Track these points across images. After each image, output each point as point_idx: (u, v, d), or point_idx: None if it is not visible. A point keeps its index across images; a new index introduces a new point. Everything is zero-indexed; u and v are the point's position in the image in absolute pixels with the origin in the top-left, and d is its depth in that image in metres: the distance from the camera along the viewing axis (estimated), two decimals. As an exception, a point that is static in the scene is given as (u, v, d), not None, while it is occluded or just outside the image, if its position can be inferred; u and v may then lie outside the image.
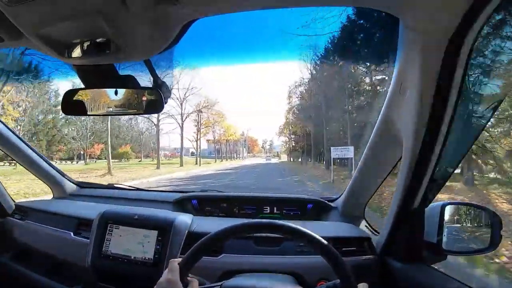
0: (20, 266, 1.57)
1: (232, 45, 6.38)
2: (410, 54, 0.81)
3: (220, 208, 1.66)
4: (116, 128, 21.01)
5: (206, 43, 2.91)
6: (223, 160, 26.67)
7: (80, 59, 0.78)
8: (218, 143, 27.19)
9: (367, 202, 1.49)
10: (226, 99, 49.21)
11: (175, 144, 24.70)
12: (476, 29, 0.68)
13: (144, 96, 0.98)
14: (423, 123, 0.83)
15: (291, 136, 24.14)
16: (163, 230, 1.22)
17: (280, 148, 37.06)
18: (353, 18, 9.60)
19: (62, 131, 17.87)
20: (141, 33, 0.72)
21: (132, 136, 22.53)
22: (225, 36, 4.34)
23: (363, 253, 1.19)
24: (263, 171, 17.72)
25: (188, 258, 0.78)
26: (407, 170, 0.94)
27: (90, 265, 1.25)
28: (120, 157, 20.90)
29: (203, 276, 0.89)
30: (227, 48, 8.09)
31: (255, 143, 43.63)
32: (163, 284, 0.73)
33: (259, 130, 64.66)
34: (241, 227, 0.82)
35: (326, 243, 0.79)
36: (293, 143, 24.26)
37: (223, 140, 26.62)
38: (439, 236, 0.99)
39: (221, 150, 28.51)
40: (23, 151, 1.71)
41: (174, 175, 14.04)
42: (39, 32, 0.68)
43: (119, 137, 21.47)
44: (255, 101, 54.76)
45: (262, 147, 43.57)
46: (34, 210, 1.66)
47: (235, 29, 3.85)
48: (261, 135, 59.49)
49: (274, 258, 1.17)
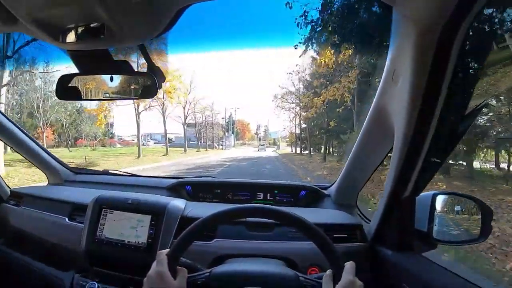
0: (14, 251, 1.59)
1: (226, 30, 6.29)
2: (403, 42, 0.81)
3: (213, 194, 1.68)
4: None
5: (200, 28, 2.88)
6: (198, 150, 20.77)
7: (74, 44, 0.78)
8: (196, 126, 21.74)
9: (360, 190, 1.50)
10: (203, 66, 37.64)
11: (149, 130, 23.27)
12: (470, 18, 0.68)
13: (138, 81, 0.98)
14: (415, 112, 0.83)
15: (299, 117, 18.26)
16: (156, 215, 1.24)
17: (279, 135, 30.06)
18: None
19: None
20: (135, 18, 0.72)
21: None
22: (218, 21, 4.28)
23: (354, 240, 1.21)
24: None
25: (175, 248, 0.79)
26: (399, 158, 0.94)
27: (84, 249, 1.27)
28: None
29: (196, 261, 0.90)
30: (220, 34, 7.93)
31: (246, 128, 36.61)
32: (152, 276, 0.75)
33: (252, 112, 54.65)
34: (229, 212, 0.83)
35: (317, 229, 0.80)
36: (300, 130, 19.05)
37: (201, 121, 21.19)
38: (429, 225, 1.00)
39: (205, 136, 23.15)
40: (17, 137, 1.71)
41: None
42: (33, 17, 0.68)
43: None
44: (246, 74, 48.19)
45: (255, 133, 36.37)
46: (29, 196, 1.66)
47: (229, 14, 3.80)
48: (254, 119, 51.00)
49: (266, 243, 1.19)
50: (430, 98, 0.80)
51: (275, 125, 38.46)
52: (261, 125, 35.41)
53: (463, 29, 0.70)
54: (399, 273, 1.03)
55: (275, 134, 31.60)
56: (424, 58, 0.76)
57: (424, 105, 0.82)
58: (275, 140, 31.62)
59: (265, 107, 49.56)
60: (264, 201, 1.63)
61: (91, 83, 1.02)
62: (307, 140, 17.81)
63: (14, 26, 0.75)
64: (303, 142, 19.14)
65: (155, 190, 1.67)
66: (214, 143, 24.72)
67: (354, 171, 1.41)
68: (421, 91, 0.80)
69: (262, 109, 62.49)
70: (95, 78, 1.02)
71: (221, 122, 25.89)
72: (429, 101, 0.81)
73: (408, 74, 0.81)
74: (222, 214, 0.83)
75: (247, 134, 37.17)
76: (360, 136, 1.23)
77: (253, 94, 58.64)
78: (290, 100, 18.11)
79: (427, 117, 0.83)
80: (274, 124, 35.34)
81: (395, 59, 0.90)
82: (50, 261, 1.48)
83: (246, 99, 55.61)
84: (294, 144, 21.80)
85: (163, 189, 1.70)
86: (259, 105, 58.28)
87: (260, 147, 26.64)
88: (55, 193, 1.65)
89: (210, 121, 22.73)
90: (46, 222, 1.49)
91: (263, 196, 1.65)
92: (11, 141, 1.72)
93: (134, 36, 0.80)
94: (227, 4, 2.80)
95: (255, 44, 8.43)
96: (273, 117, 46.20)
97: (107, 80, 0.99)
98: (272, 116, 44.88)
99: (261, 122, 36.60)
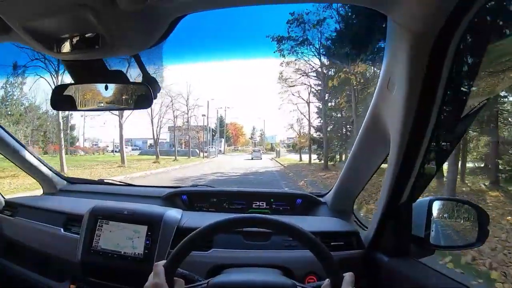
0: (9, 262, 1.57)
1: (221, 41, 6.25)
2: (398, 50, 0.82)
3: (210, 203, 1.67)
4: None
5: (194, 39, 2.85)
6: (176, 159, 16.90)
7: (69, 54, 0.77)
8: (179, 130, 18.41)
9: (356, 197, 1.50)
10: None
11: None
12: (464, 25, 0.68)
13: (133, 91, 0.98)
14: (410, 119, 0.84)
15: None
16: (152, 225, 1.23)
17: (278, 138, 25.14)
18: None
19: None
20: (130, 28, 0.72)
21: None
22: (212, 32, 4.25)
23: (351, 247, 1.21)
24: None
25: (172, 259, 0.78)
26: (395, 165, 0.95)
27: (80, 260, 1.25)
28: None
29: (194, 271, 0.90)
30: (214, 44, 7.89)
31: (239, 132, 32.02)
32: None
33: (247, 114, 47.24)
34: (225, 223, 0.82)
35: (313, 237, 0.80)
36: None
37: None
38: (426, 231, 1.00)
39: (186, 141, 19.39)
40: (11, 146, 1.69)
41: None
42: (28, 26, 0.68)
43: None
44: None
45: (250, 137, 32.09)
46: (24, 206, 1.65)
47: (223, 25, 3.77)
48: (249, 122, 44.32)
49: (263, 252, 1.18)
50: (425, 105, 0.81)
51: (272, 128, 35.47)
52: (257, 129, 31.57)
53: (457, 37, 0.71)
54: (396, 279, 1.03)
55: (272, 139, 27.13)
56: (418, 66, 0.77)
57: (419, 112, 0.82)
58: (273, 145, 26.60)
59: (261, 108, 44.09)
60: (260, 209, 1.63)
61: (86, 93, 1.02)
62: (323, 144, 12.83)
63: (8, 36, 0.75)
64: (319, 147, 13.74)
65: (150, 200, 1.66)
66: (198, 149, 20.41)
67: (350, 178, 1.42)
68: (416, 99, 0.81)
69: (257, 110, 55.74)
70: (90, 88, 1.02)
71: (205, 123, 21.09)
72: (424, 108, 0.81)
73: (403, 81, 0.81)
74: (218, 225, 0.82)
75: (240, 138, 32.69)
76: (356, 143, 1.24)
77: (247, 92, 51.54)
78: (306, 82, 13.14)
79: (422, 124, 0.84)
80: (271, 127, 31.90)
81: (390, 67, 0.90)
82: (45, 271, 1.46)
83: (239, 98, 47.93)
84: (301, 149, 17.09)
85: (158, 199, 1.69)
86: (254, 106, 49.57)
87: (254, 154, 21.34)
88: (49, 203, 1.64)
89: (190, 119, 18.43)
90: (41, 232, 1.47)
91: (259, 205, 1.64)
92: (4, 150, 1.70)
93: (129, 46, 0.79)
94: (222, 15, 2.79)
95: (250, 54, 8.35)
96: (269, 120, 41.49)
97: (102, 90, 0.99)
98: (268, 118, 40.62)
99: (257, 125, 32.70)
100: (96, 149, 20.29)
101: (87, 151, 19.12)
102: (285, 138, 24.95)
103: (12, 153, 1.71)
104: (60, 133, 12.42)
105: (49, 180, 1.89)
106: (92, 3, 0.61)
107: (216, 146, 23.62)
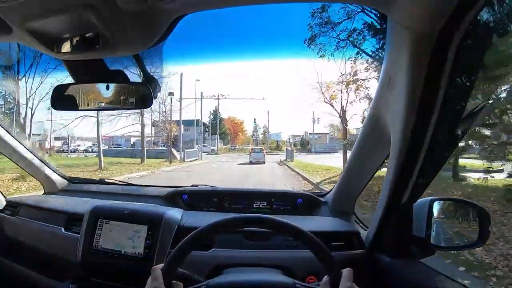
0: (10, 261, 1.57)
1: (222, 41, 6.19)
2: (398, 50, 0.82)
3: (210, 203, 1.67)
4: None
5: (195, 39, 2.83)
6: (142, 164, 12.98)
7: (69, 54, 0.77)
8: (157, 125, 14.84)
9: (357, 197, 1.50)
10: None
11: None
12: (465, 25, 0.68)
13: (133, 91, 0.98)
14: (411, 119, 0.84)
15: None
16: (153, 225, 1.23)
17: (282, 137, 20.06)
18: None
19: None
20: (130, 28, 0.72)
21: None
22: (213, 32, 4.20)
23: (352, 247, 1.21)
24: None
25: (170, 262, 0.78)
26: (395, 165, 0.94)
27: (80, 260, 1.26)
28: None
29: (194, 271, 0.89)
30: (216, 44, 7.78)
31: (238, 128, 27.52)
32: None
33: (248, 106, 42.04)
34: (225, 223, 0.82)
35: (312, 236, 0.79)
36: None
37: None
38: (427, 231, 1.00)
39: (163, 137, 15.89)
40: (12, 145, 1.69)
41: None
42: (28, 26, 0.68)
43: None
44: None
45: (252, 135, 26.41)
46: (25, 205, 1.65)
47: (226, 24, 3.72)
48: (250, 116, 37.89)
49: (263, 252, 1.18)
50: (426, 105, 0.80)
51: (277, 126, 31.67)
52: (260, 126, 26.72)
53: (457, 36, 0.70)
54: (397, 279, 1.02)
55: (277, 136, 22.21)
56: (419, 65, 0.76)
57: (420, 112, 0.82)
58: (279, 143, 20.69)
59: (264, 101, 34.74)
60: (261, 209, 1.63)
61: (87, 93, 1.02)
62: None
63: (9, 36, 0.75)
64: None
65: (151, 199, 1.66)
66: (176, 149, 15.37)
67: (351, 178, 1.42)
68: (417, 99, 0.80)
69: (260, 103, 46.73)
70: (90, 88, 1.02)
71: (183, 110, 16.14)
72: (425, 108, 0.81)
73: (404, 81, 0.81)
74: (217, 225, 0.82)
75: (239, 136, 27.73)
76: (357, 144, 1.24)
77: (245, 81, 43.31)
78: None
79: (423, 124, 0.83)
80: (276, 124, 28.26)
81: (391, 67, 0.90)
82: (46, 271, 1.47)
83: (237, 87, 42.16)
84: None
85: (159, 198, 1.69)
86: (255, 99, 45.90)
87: (253, 155, 15.56)
88: (50, 202, 1.64)
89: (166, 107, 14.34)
90: (42, 232, 1.48)
91: (260, 205, 1.64)
92: (5, 149, 1.70)
93: (129, 46, 0.79)
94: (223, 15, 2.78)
95: (253, 55, 8.10)
96: (273, 115, 36.78)
97: (103, 90, 0.99)
98: (272, 113, 34.58)
99: (259, 121, 27.43)
100: (58, 150, 17.58)
101: (50, 153, 15.93)
102: (290, 136, 20.98)
103: (12, 152, 1.72)
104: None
105: (50, 179, 1.89)
106: (93, 3, 0.62)
107: (209, 145, 20.41)
